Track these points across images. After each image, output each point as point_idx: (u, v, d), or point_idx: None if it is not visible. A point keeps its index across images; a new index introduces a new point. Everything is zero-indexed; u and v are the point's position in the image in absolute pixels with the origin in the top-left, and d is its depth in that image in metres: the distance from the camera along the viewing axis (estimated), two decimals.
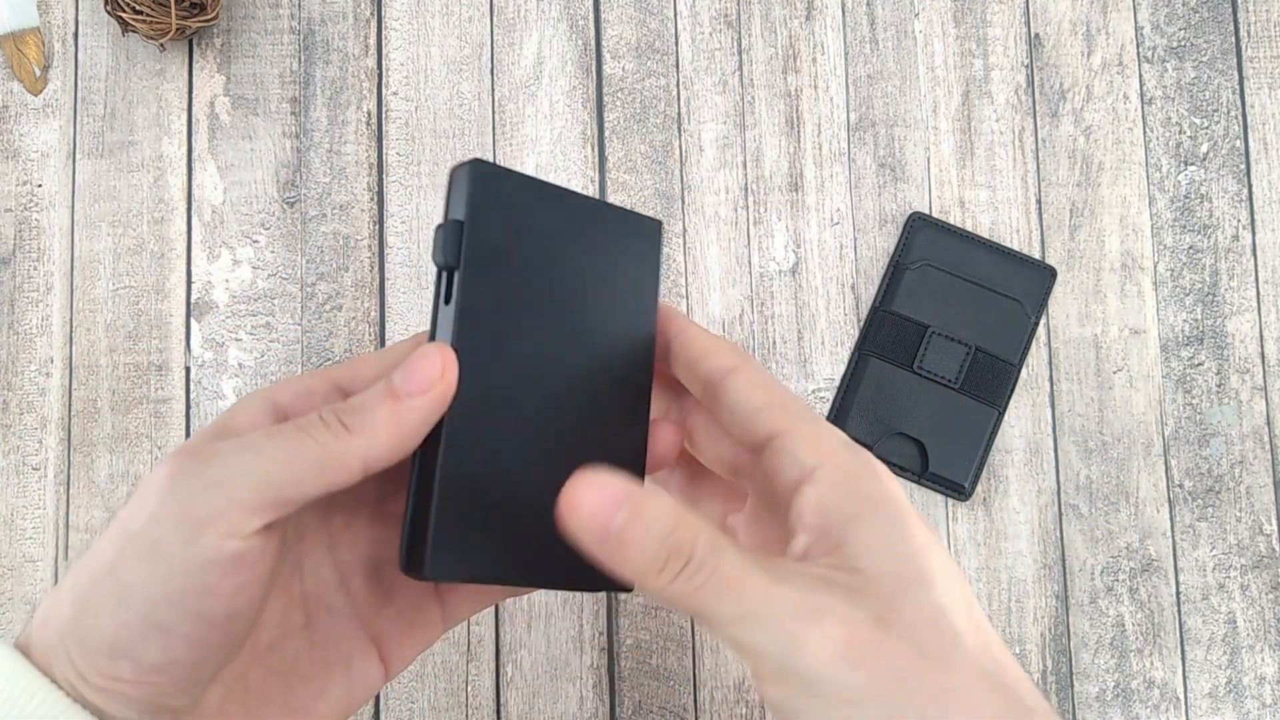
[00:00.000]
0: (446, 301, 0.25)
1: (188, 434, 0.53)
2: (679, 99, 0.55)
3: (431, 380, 0.23)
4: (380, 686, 0.27)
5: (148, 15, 0.51)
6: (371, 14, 0.55)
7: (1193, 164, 0.55)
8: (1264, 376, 0.54)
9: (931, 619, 0.23)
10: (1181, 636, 0.52)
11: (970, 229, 0.54)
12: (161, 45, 0.54)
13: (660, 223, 0.29)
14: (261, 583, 0.23)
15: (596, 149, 0.55)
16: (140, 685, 0.21)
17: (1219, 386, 0.54)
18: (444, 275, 0.25)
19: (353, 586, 0.27)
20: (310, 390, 0.25)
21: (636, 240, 0.28)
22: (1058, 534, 0.53)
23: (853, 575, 0.23)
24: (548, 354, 0.26)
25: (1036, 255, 0.54)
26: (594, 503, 0.22)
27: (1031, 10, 0.56)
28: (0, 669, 0.21)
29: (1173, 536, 0.53)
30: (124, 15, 0.51)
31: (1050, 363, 0.54)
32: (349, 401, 0.23)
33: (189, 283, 0.54)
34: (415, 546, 0.24)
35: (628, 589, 0.26)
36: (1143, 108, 0.55)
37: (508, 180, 0.26)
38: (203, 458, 0.22)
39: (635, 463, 0.28)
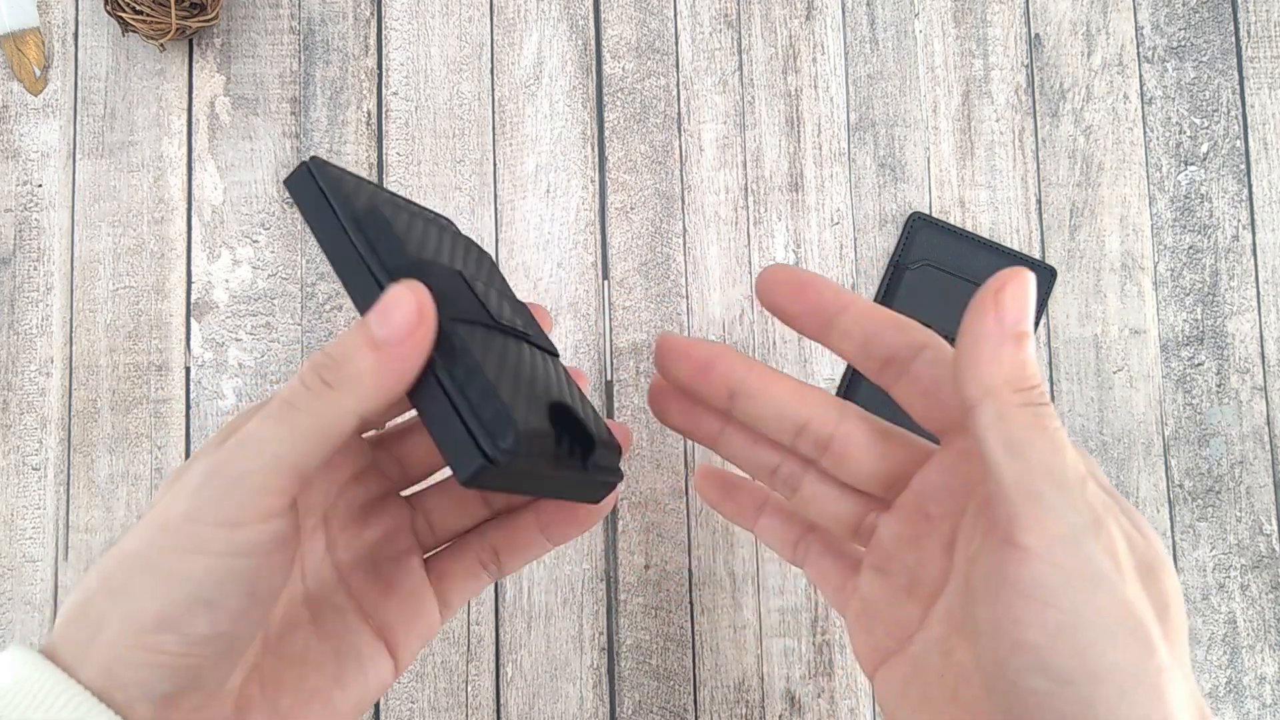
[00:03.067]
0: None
1: (187, 434, 0.53)
2: (679, 99, 0.55)
3: (410, 325, 0.22)
4: (391, 680, 0.27)
5: (148, 15, 0.51)
6: (371, 14, 0.55)
7: (1193, 164, 0.55)
8: (1264, 376, 0.54)
9: (1174, 602, 0.23)
10: None
11: (970, 229, 0.54)
12: (161, 45, 0.54)
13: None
14: (294, 551, 0.24)
15: (596, 149, 0.55)
16: (185, 657, 0.22)
17: (1219, 386, 0.54)
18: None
19: (352, 584, 0.28)
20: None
21: None
22: None
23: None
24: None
25: (1036, 255, 0.54)
26: (1021, 297, 0.23)
27: (1031, 10, 0.56)
28: (30, 675, 0.22)
29: (1173, 536, 0.53)
30: (124, 15, 0.51)
31: (1050, 363, 0.54)
32: (329, 352, 0.22)
33: (189, 283, 0.54)
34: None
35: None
36: (1143, 108, 0.55)
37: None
38: (220, 458, 0.22)
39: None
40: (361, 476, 0.29)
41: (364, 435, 0.29)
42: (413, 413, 0.29)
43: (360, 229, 0.24)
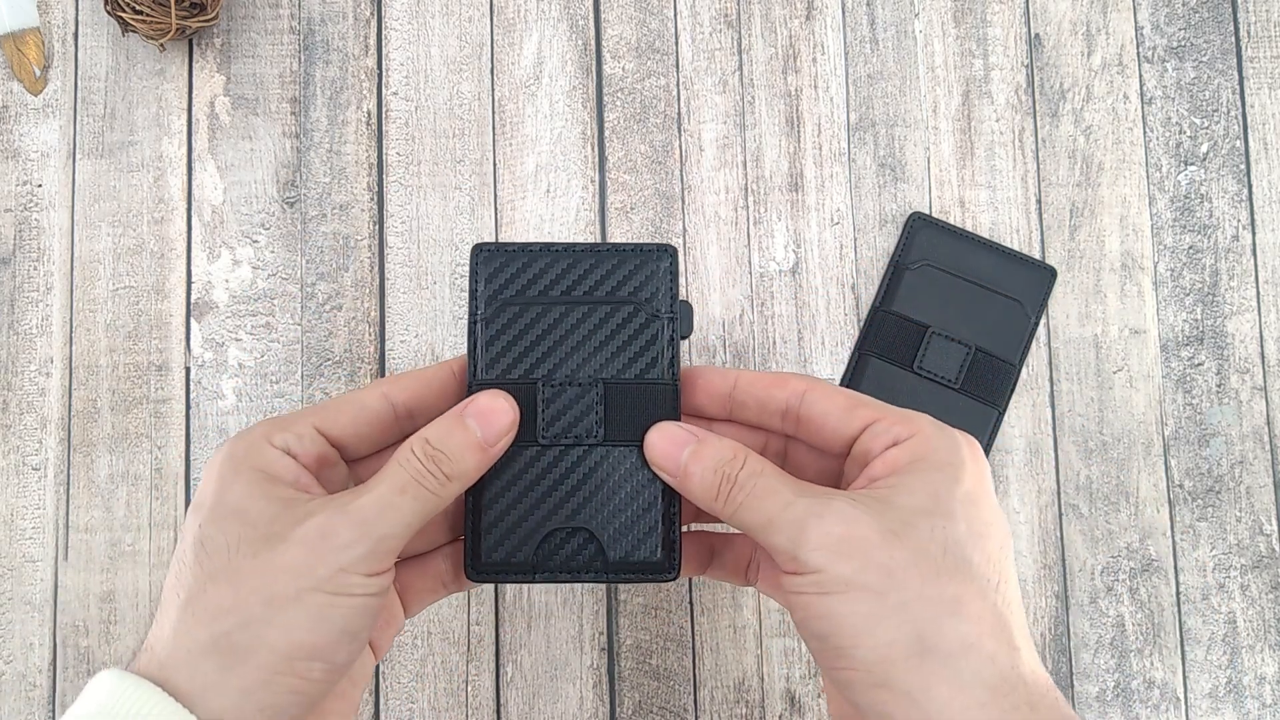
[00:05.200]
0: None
1: (187, 434, 0.53)
2: (679, 99, 0.55)
3: (506, 429, 0.30)
4: (374, 667, 0.34)
5: (148, 15, 0.51)
6: (371, 14, 0.55)
7: (1193, 164, 0.55)
8: (1264, 376, 0.54)
9: (943, 542, 0.26)
10: (1181, 636, 0.52)
11: (970, 229, 0.54)
12: (161, 45, 0.54)
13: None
14: None
15: (596, 149, 0.55)
16: (322, 683, 0.27)
17: (1219, 386, 0.54)
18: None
19: None
20: (300, 436, 0.30)
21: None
22: (1058, 534, 0.53)
23: (879, 501, 0.27)
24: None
25: (1036, 255, 0.54)
26: (665, 444, 0.30)
27: (1031, 10, 0.56)
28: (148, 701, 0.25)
29: (1173, 536, 0.53)
30: (124, 15, 0.51)
31: (1050, 363, 0.54)
32: (435, 446, 0.29)
33: (189, 283, 0.54)
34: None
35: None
36: (1143, 108, 0.55)
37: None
38: (354, 516, 0.27)
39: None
40: None
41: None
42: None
43: (485, 325, 0.32)
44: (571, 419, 0.32)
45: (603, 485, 0.32)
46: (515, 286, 0.32)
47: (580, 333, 0.32)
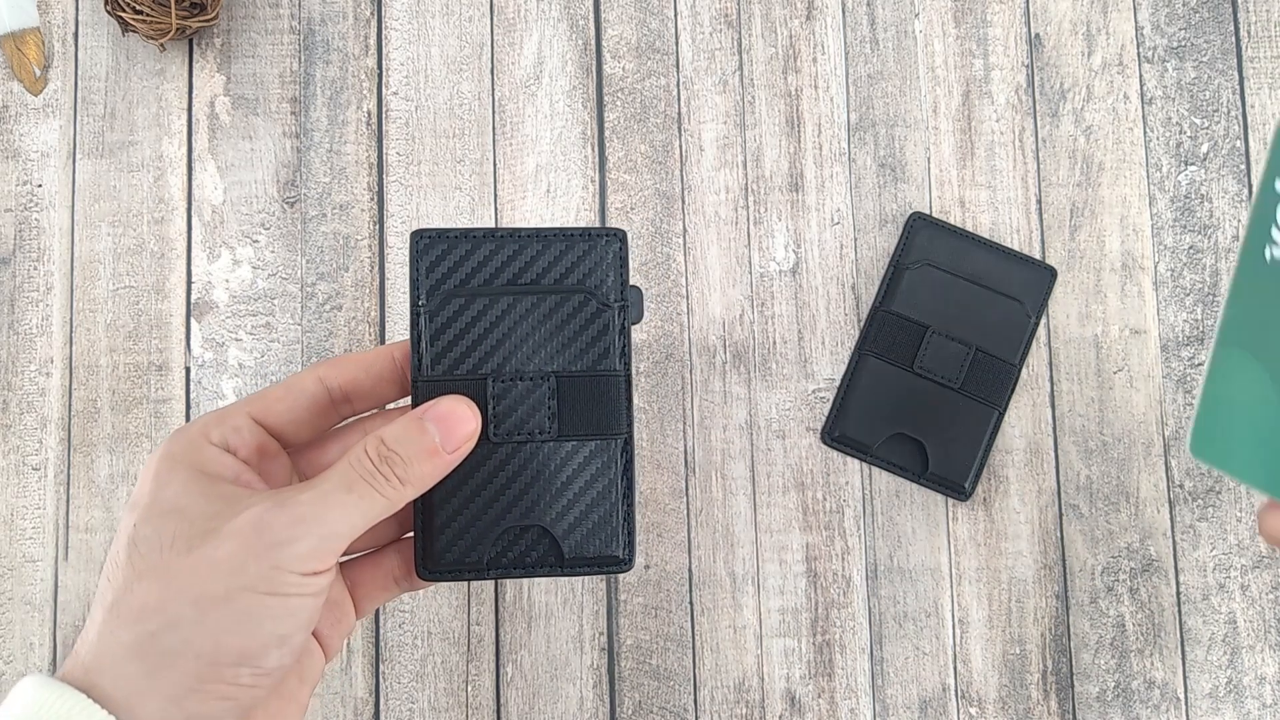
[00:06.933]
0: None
1: None
2: (679, 99, 0.55)
3: (466, 438, 0.29)
4: (323, 670, 0.32)
5: (148, 15, 0.51)
6: (371, 14, 0.55)
7: (1193, 164, 0.55)
8: None
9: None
10: (1182, 637, 0.52)
11: (970, 229, 0.54)
12: (161, 45, 0.54)
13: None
14: None
15: (596, 149, 0.55)
16: (253, 689, 0.26)
17: None
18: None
19: None
20: (237, 429, 0.29)
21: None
22: (1058, 534, 0.53)
23: None
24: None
25: (1036, 255, 0.54)
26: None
27: (1031, 10, 0.56)
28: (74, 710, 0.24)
29: (1173, 536, 0.53)
30: (124, 15, 0.51)
31: (1050, 363, 0.54)
32: (390, 447, 0.28)
33: (189, 283, 0.54)
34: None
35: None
36: (1143, 108, 0.55)
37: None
38: (292, 511, 0.26)
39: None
40: None
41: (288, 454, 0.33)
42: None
43: (429, 317, 0.31)
44: (523, 415, 0.31)
45: (555, 481, 0.31)
46: (459, 275, 0.31)
47: (528, 324, 0.31)
